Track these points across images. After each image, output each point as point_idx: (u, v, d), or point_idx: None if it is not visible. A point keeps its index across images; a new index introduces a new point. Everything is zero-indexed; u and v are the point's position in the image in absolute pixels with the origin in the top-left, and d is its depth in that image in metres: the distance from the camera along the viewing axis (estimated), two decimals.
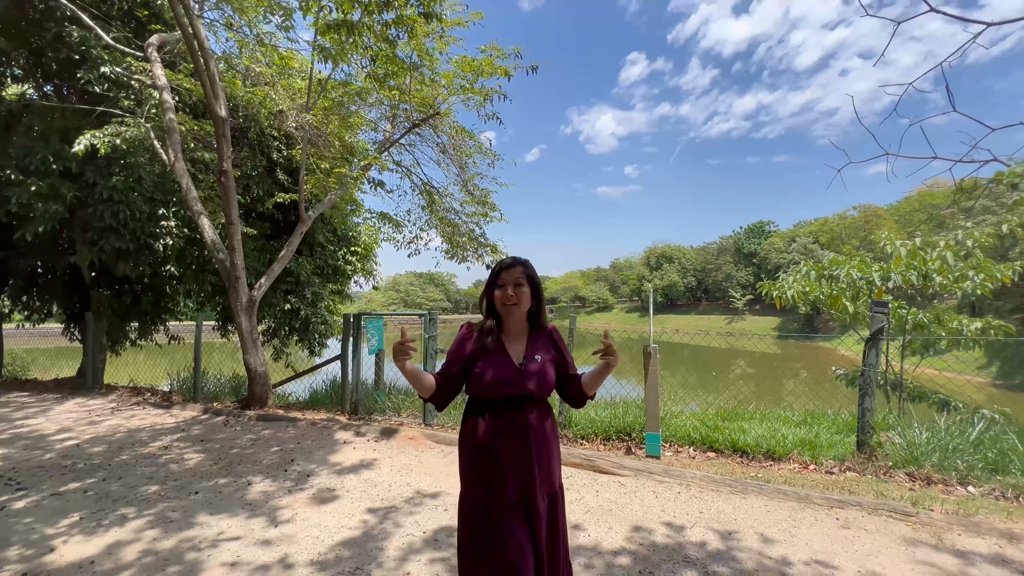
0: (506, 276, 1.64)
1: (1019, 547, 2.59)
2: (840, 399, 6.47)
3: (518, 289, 1.63)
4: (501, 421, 1.57)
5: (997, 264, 5.95)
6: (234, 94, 6.71)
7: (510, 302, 1.62)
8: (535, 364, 1.63)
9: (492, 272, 1.70)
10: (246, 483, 3.56)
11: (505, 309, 1.64)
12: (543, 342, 1.70)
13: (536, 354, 1.65)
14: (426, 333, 5.52)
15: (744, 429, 4.80)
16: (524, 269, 1.66)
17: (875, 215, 43.26)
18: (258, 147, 7.88)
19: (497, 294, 1.64)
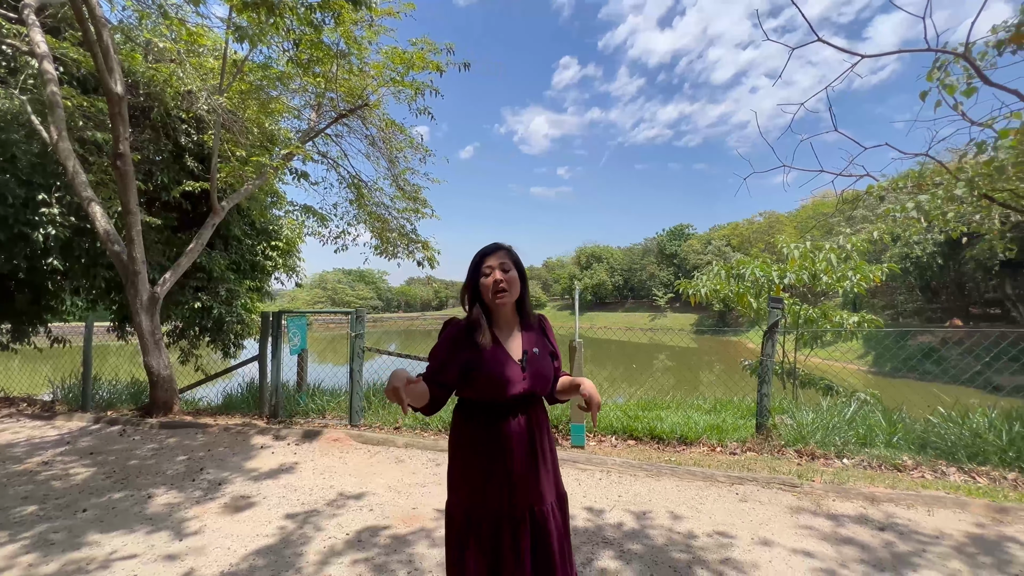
0: (491, 262, 1.47)
1: (878, 507, 3.02)
2: (745, 387, 7.09)
3: (507, 275, 1.46)
4: (502, 424, 1.43)
5: (871, 266, 6.86)
6: (133, 69, 6.07)
7: (499, 288, 1.45)
8: (535, 359, 1.49)
9: (474, 260, 1.51)
10: (146, 496, 3.26)
11: (494, 298, 1.46)
12: (536, 334, 1.56)
13: (534, 347, 1.51)
14: (352, 331, 5.34)
15: (661, 417, 5.13)
16: (508, 253, 1.50)
17: (777, 221, 47.79)
18: (163, 129, 7.17)
19: (485, 283, 1.47)
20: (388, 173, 7.29)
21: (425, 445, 4.25)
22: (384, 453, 4.14)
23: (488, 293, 1.47)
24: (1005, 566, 2.34)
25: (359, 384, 5.26)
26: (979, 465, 3.79)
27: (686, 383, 15.32)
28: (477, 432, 1.46)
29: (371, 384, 6.48)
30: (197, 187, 6.40)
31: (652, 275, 58.05)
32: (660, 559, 2.43)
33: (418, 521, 2.86)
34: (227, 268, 7.85)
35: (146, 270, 5.60)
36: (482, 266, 1.48)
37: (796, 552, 2.47)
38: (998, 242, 5.85)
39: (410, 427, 5.00)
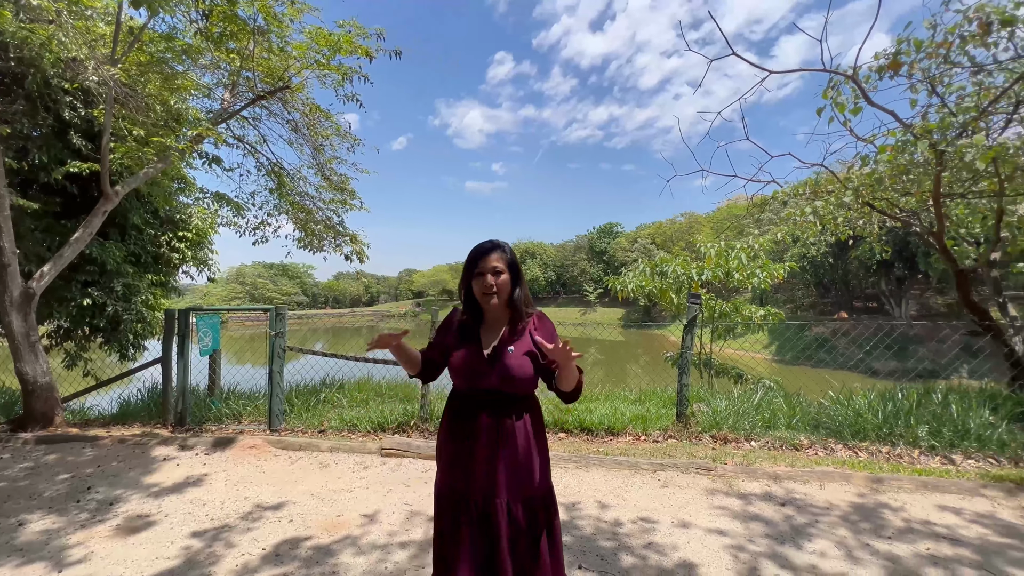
0: (483, 263, 1.53)
1: (780, 484, 3.32)
2: (667, 378, 7.50)
3: (497, 277, 1.52)
4: (469, 415, 1.51)
5: (775, 264, 7.53)
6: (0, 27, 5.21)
7: (488, 291, 1.51)
8: (506, 356, 1.50)
9: (468, 258, 1.57)
10: (15, 524, 2.82)
11: (483, 298, 1.54)
12: (522, 334, 1.56)
13: (510, 345, 1.52)
14: (272, 330, 4.99)
15: (591, 410, 5.29)
16: (503, 254, 1.54)
17: (696, 221, 51.31)
18: (40, 101, 6.24)
19: (476, 284, 1.54)
20: (313, 161, 6.87)
21: (352, 448, 4.07)
22: (307, 459, 3.90)
23: (477, 293, 1.55)
24: (881, 530, 2.67)
25: (280, 386, 4.93)
26: (860, 441, 4.30)
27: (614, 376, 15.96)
28: (452, 417, 1.57)
29: (294, 386, 6.11)
30: (85, 168, 5.65)
31: (583, 271, 60.00)
32: (588, 548, 2.50)
33: (343, 528, 2.73)
34: (124, 260, 7.02)
35: (17, 262, 4.86)
36: (476, 266, 1.55)
37: (711, 531, 2.65)
38: (876, 244, 6.66)
39: (336, 429, 4.78)
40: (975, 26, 4.36)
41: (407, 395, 6.02)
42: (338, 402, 5.75)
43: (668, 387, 6.97)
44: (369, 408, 5.36)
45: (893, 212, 5.59)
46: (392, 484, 3.36)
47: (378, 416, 4.98)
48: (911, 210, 5.65)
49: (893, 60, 4.85)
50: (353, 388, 6.23)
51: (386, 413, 5.03)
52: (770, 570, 2.29)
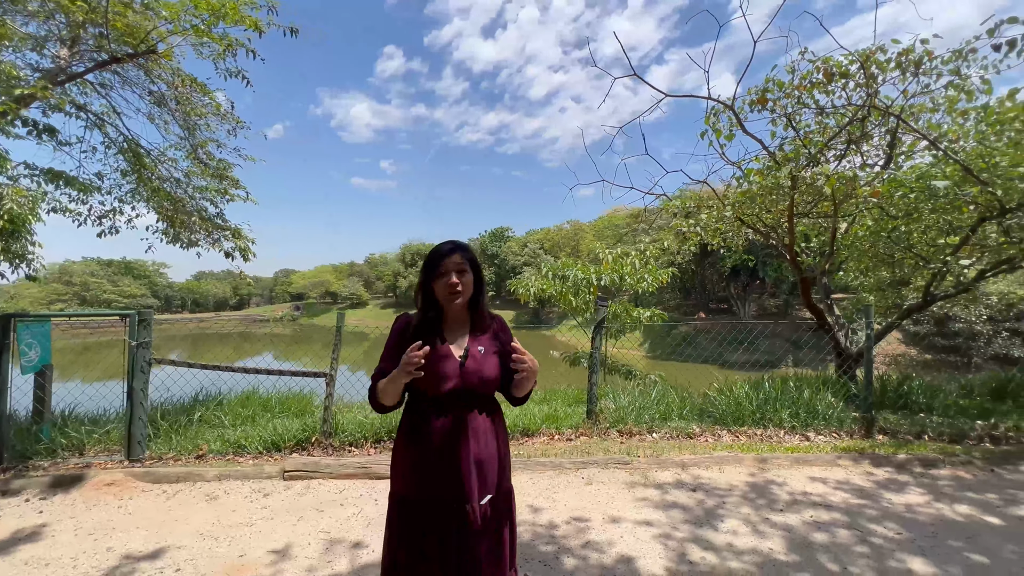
0: (447, 263, 1.51)
1: (687, 472, 3.63)
2: (560, 376, 7.80)
3: (461, 276, 1.51)
4: (440, 419, 1.45)
5: (662, 270, 8.31)
6: None
7: (453, 291, 1.49)
8: (478, 357, 1.51)
9: (428, 259, 1.54)
10: None
11: (447, 299, 1.51)
12: (487, 334, 1.58)
13: (479, 346, 1.53)
14: (133, 339, 4.15)
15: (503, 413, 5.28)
16: (465, 254, 1.54)
17: (581, 229, 54.82)
18: None
19: (438, 284, 1.51)
20: (184, 143, 5.90)
21: (246, 473, 3.54)
22: (189, 491, 3.30)
23: (441, 294, 1.51)
24: (774, 504, 3.04)
25: (143, 407, 4.12)
26: (740, 426, 4.90)
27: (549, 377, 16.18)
28: (413, 422, 1.49)
29: (158, 405, 5.16)
30: None
31: None
32: (530, 555, 2.46)
33: (249, 571, 2.34)
34: None
35: None
36: (439, 267, 1.50)
37: (640, 523, 2.79)
38: (742, 255, 7.70)
39: (218, 453, 4.12)
40: (821, 75, 5.25)
41: (302, 408, 5.46)
42: (217, 421, 4.99)
43: (571, 385, 7.25)
44: (259, 425, 4.74)
45: (759, 226, 6.50)
46: (302, 511, 2.98)
47: (271, 434, 4.42)
48: (770, 225, 6.62)
49: (761, 96, 5.65)
50: (235, 404, 5.48)
51: (281, 430, 4.48)
52: (696, 553, 2.47)
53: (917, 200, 5.32)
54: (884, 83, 5.12)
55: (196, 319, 59.67)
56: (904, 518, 2.83)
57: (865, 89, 5.11)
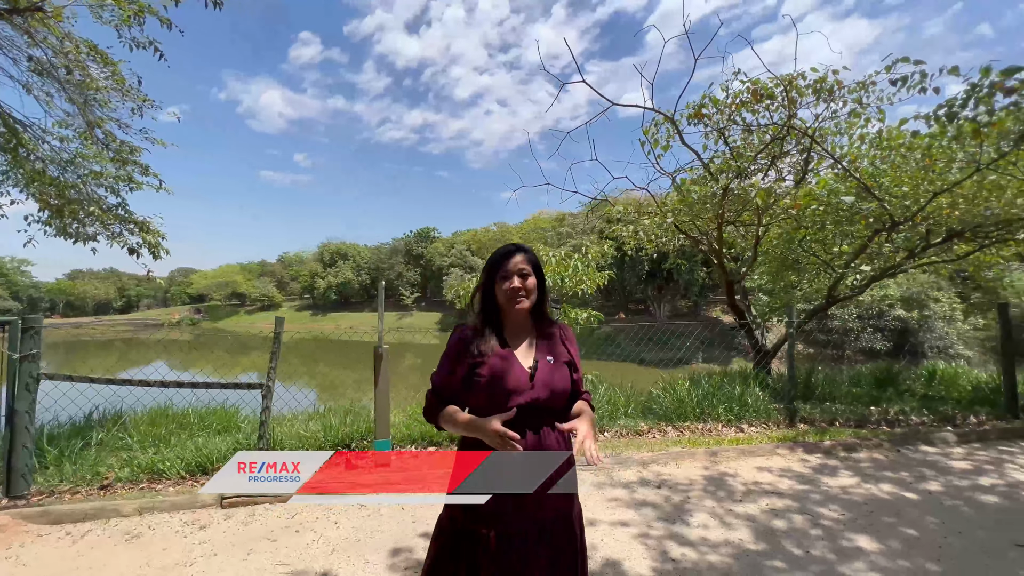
0: (509, 265, 1.40)
1: (648, 469, 3.74)
2: None
3: (524, 280, 1.40)
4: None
5: (600, 273, 8.59)
6: None
7: (517, 295, 1.38)
8: (547, 367, 1.38)
9: (490, 261, 1.43)
10: None
11: (509, 304, 1.39)
12: (553, 341, 1.45)
13: (548, 355, 1.40)
14: (15, 351, 3.45)
15: None
16: (528, 256, 1.44)
17: (508, 231, 55.42)
18: None
19: (503, 287, 1.39)
20: (76, 120, 5.04)
21: (175, 504, 3.07)
22: (101, 531, 2.78)
23: (504, 297, 1.39)
24: (733, 495, 3.23)
25: (29, 431, 3.44)
26: (683, 422, 5.17)
27: None
28: (478, 445, 1.31)
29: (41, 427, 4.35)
30: None
31: (400, 275, 58.75)
32: None
33: None
34: None
35: None
36: (500, 269, 1.40)
37: (616, 524, 2.81)
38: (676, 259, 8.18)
39: (129, 481, 3.56)
40: (750, 95, 5.72)
41: (227, 423, 4.93)
42: (122, 443, 4.32)
43: None
44: (176, 446, 4.17)
45: (691, 233, 6.93)
46: (251, 543, 2.63)
47: (195, 455, 3.90)
48: (701, 232, 7.10)
49: (697, 111, 6.04)
50: (142, 422, 4.81)
51: (207, 450, 3.97)
52: (676, 550, 2.53)
53: (825, 213, 5.98)
54: (801, 106, 5.70)
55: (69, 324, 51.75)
56: (843, 500, 3.13)
57: (786, 111, 5.65)
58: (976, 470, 3.63)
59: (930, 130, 5.50)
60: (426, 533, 2.74)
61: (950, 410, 5.54)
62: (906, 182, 5.65)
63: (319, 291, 61.16)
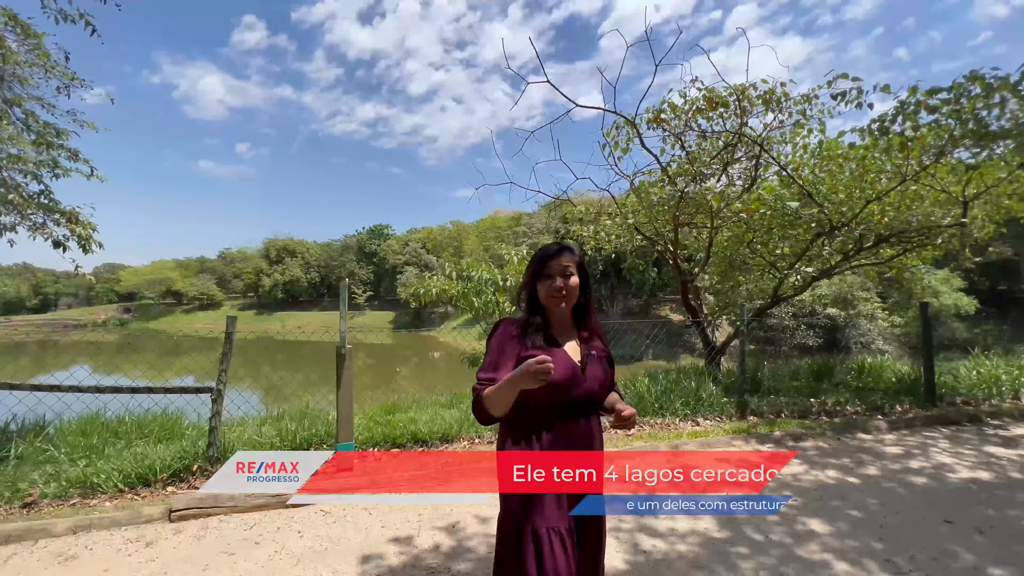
0: (553, 265, 1.44)
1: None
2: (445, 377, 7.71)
3: (567, 280, 1.44)
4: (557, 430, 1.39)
5: None
6: None
7: (559, 295, 1.43)
8: (594, 362, 1.47)
9: (534, 261, 1.48)
10: None
11: (551, 303, 1.44)
12: (592, 337, 1.53)
13: (592, 350, 1.49)
14: None
15: (415, 419, 5.05)
16: (572, 256, 1.47)
17: (464, 230, 55.07)
18: None
19: (544, 286, 1.44)
20: None
21: (116, 520, 2.81)
22: (28, 554, 2.50)
23: (545, 296, 1.44)
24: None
25: None
26: (644, 417, 5.32)
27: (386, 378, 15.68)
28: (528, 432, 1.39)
29: None
30: None
31: (352, 273, 57.01)
32: (490, 570, 2.34)
33: None
34: None
35: None
36: (544, 268, 1.44)
37: None
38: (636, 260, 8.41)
39: (57, 496, 3.24)
40: (705, 103, 5.97)
41: (170, 431, 4.60)
42: (48, 456, 3.93)
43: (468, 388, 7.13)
44: (112, 457, 3.84)
45: (649, 234, 7.16)
46: (206, 558, 2.45)
47: (136, 466, 3.61)
48: (658, 233, 7.35)
49: (656, 116, 6.24)
50: (71, 432, 4.41)
51: (149, 460, 3.68)
52: (647, 541, 2.60)
53: (772, 217, 6.34)
54: (751, 116, 6.02)
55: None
56: (794, 486, 3.33)
57: (738, 119, 5.94)
58: (906, 454, 3.97)
59: (863, 142, 5.98)
60: (396, 538, 2.67)
61: (879, 400, 6.02)
62: (841, 190, 6.10)
63: (265, 289, 58.28)
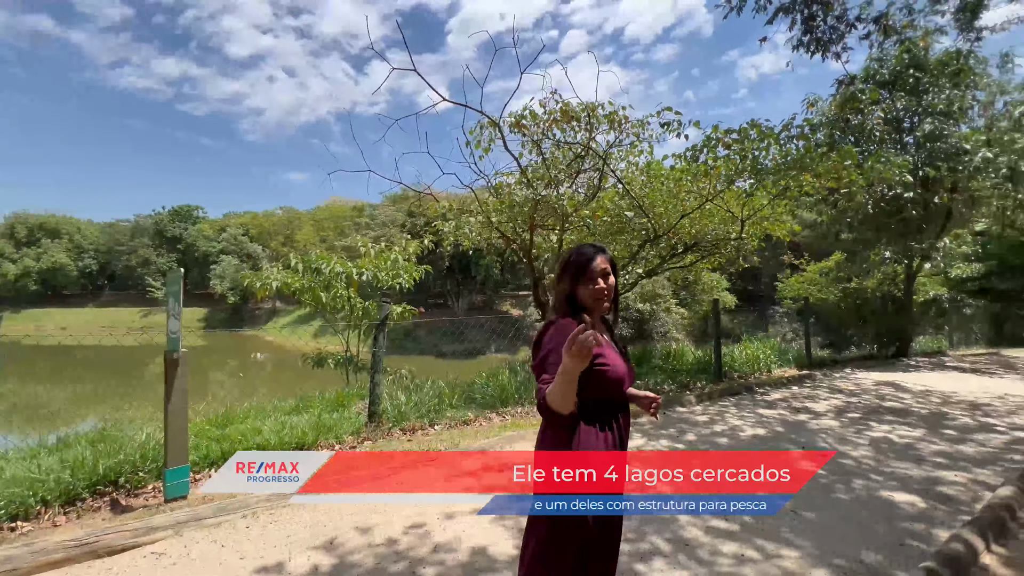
0: (593, 268, 1.51)
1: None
2: (270, 380, 7.08)
3: (607, 280, 1.53)
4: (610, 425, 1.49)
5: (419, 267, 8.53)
6: None
7: (604, 296, 1.52)
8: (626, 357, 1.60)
9: (573, 265, 1.53)
10: None
11: (596, 304, 1.52)
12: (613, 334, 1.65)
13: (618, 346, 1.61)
14: None
15: (258, 429, 4.49)
16: (607, 257, 1.56)
17: (297, 217, 49.86)
18: None
19: (587, 290, 1.51)
20: None
21: None
22: None
23: (591, 298, 1.51)
24: None
25: None
26: (505, 407, 5.58)
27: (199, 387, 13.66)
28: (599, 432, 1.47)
29: None
30: None
31: (146, 261, 46.93)
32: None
33: None
34: None
35: None
36: (586, 271, 1.50)
37: (473, 513, 2.88)
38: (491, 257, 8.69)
39: None
40: (560, 115, 6.50)
41: None
42: None
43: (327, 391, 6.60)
44: None
45: (508, 234, 7.49)
46: None
47: None
48: (516, 233, 7.74)
49: (517, 121, 6.56)
50: None
51: None
52: None
53: (611, 223, 7.23)
54: (598, 132, 6.76)
55: None
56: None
57: (587, 134, 6.61)
58: (711, 421, 4.95)
59: (680, 166, 7.23)
60: (263, 568, 2.32)
61: (684, 379, 7.37)
62: (660, 204, 7.28)
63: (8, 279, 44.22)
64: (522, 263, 8.15)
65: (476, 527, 2.72)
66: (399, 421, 4.91)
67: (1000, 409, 5.55)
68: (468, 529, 2.70)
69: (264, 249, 45.54)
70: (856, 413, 5.29)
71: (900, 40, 7.38)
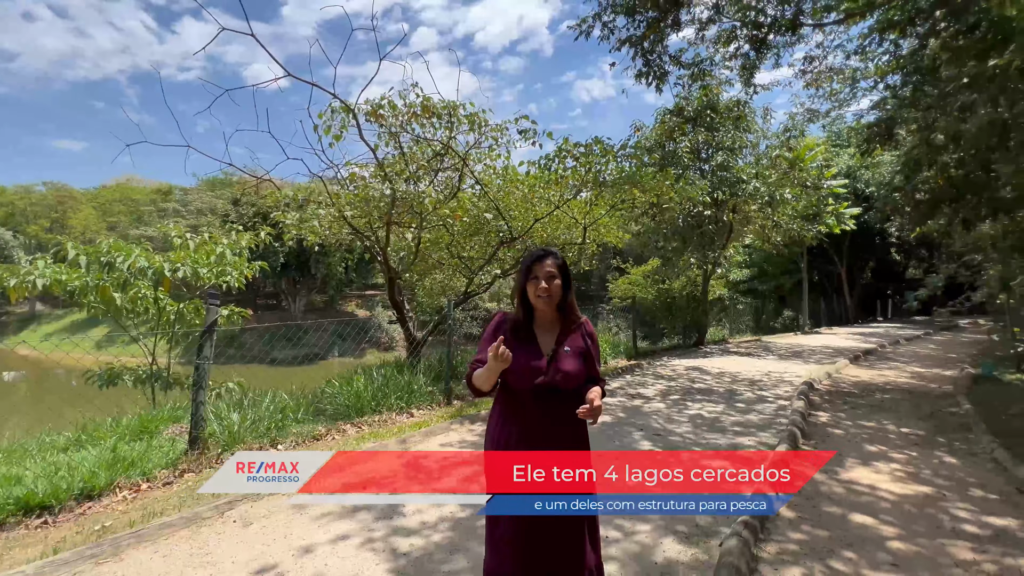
0: (538, 268, 1.68)
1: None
2: (39, 405, 5.61)
3: (551, 281, 1.67)
4: (527, 413, 1.67)
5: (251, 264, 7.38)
6: None
7: (544, 294, 1.66)
8: (563, 355, 1.68)
9: (523, 264, 1.73)
10: None
11: (539, 301, 1.68)
12: (574, 334, 1.75)
13: (566, 345, 1.71)
14: None
15: (18, 477, 3.42)
16: (555, 260, 1.70)
17: (70, 196, 39.31)
18: None
19: (531, 287, 1.68)
20: None
21: None
22: None
23: (533, 296, 1.69)
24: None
25: None
26: (361, 416, 5.17)
27: None
28: (505, 411, 1.73)
29: None
30: None
31: None
32: None
33: None
34: None
35: None
36: (531, 271, 1.69)
37: (337, 540, 2.57)
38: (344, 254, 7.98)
39: None
40: (420, 109, 6.29)
41: None
42: None
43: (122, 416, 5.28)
44: None
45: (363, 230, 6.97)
46: None
47: None
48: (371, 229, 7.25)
49: (374, 110, 6.15)
50: None
51: None
52: (403, 543, 2.56)
53: (471, 224, 7.28)
54: (458, 132, 6.73)
55: None
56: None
57: (447, 132, 6.53)
58: None
59: (533, 173, 7.63)
60: None
61: None
62: (515, 208, 7.60)
63: None
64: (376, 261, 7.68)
65: (341, 555, 2.42)
66: (231, 444, 4.17)
67: (766, 383, 7.13)
68: (331, 559, 2.39)
69: (16, 236, 34.81)
70: (676, 395, 6.24)
71: (702, 85, 8.95)
